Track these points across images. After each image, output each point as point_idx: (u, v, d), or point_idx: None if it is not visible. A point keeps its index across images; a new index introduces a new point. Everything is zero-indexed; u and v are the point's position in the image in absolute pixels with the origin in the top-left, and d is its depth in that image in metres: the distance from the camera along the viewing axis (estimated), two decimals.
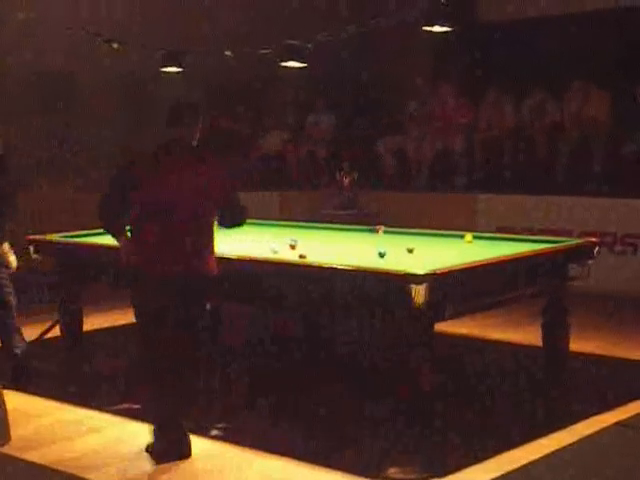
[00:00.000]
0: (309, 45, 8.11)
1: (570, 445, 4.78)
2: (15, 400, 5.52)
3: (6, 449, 4.86)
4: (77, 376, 6.45)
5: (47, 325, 7.09)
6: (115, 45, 9.28)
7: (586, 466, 4.56)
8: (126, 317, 7.77)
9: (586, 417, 5.20)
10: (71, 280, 6.73)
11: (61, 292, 6.85)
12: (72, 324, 6.76)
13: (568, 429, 5.03)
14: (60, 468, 4.60)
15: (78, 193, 10.20)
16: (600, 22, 10.52)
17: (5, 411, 5.01)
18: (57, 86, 10.97)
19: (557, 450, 4.71)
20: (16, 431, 5.07)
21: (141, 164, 4.74)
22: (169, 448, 4.68)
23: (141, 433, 5.11)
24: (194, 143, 4.76)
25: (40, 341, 6.99)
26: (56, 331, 6.93)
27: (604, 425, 5.07)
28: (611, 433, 4.97)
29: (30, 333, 7.36)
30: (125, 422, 5.30)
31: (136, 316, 4.78)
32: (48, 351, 6.93)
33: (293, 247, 6.01)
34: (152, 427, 4.76)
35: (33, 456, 4.77)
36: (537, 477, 4.47)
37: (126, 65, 10.88)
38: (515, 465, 4.51)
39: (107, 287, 6.55)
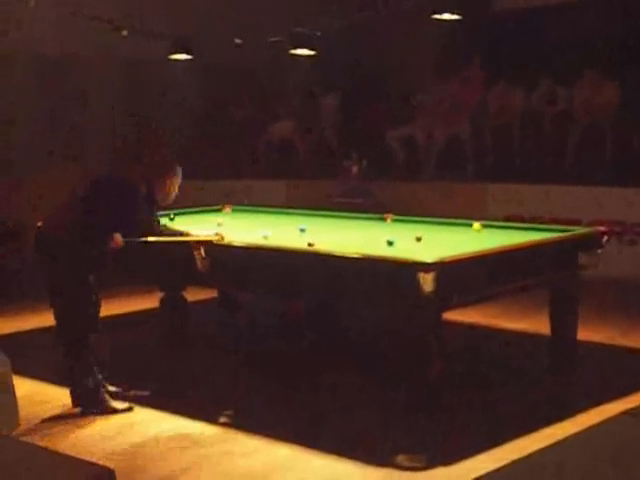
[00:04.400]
0: (318, 33, 8.12)
1: (576, 434, 4.78)
2: (24, 386, 5.56)
3: (15, 434, 4.89)
4: None
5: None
6: (124, 32, 9.28)
7: (592, 455, 4.56)
8: (130, 304, 7.83)
9: (592, 406, 5.21)
10: None
11: None
12: None
13: (574, 418, 5.04)
14: (69, 453, 4.63)
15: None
16: (608, 9, 10.48)
17: (14, 397, 5.04)
18: (59, 71, 10.99)
19: (563, 439, 4.71)
20: (25, 417, 5.11)
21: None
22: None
23: (150, 419, 5.16)
24: None
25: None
26: None
27: (610, 414, 5.07)
28: (617, 422, 4.97)
29: (33, 322, 7.41)
30: (134, 408, 5.32)
31: None
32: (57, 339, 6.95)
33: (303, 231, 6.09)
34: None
35: (42, 441, 4.80)
36: (543, 466, 4.48)
37: (132, 50, 10.89)
38: (521, 454, 4.51)
39: (110, 275, 6.55)
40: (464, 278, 4.91)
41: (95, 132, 11.40)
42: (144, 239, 5.27)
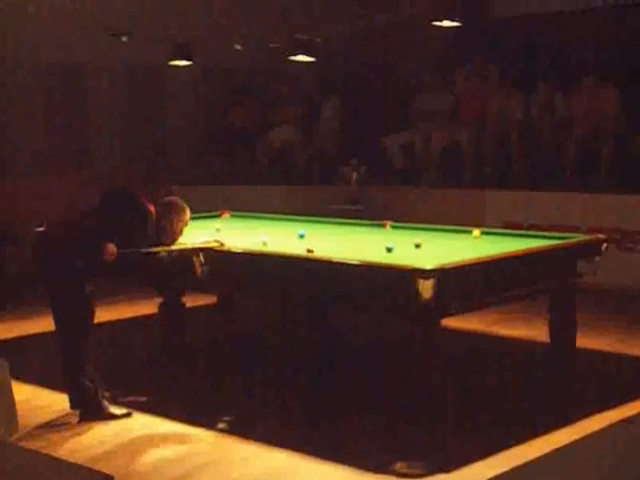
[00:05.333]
0: (318, 39, 8.14)
1: (576, 441, 4.78)
2: (23, 391, 5.56)
3: (14, 439, 4.88)
4: None
5: None
6: (124, 38, 9.30)
7: (591, 462, 4.57)
8: (129, 310, 7.83)
9: (592, 413, 5.21)
10: None
11: None
12: None
13: (574, 425, 5.04)
14: (68, 458, 4.63)
15: (85, 185, 10.23)
16: (607, 16, 10.51)
17: (13, 402, 5.03)
18: (58, 76, 10.99)
19: (563, 446, 4.71)
20: (24, 422, 5.09)
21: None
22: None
23: (148, 425, 5.15)
24: None
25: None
26: None
27: (610, 422, 5.08)
28: (616, 430, 4.97)
29: (31, 327, 7.41)
30: (133, 413, 5.33)
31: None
32: (56, 343, 6.96)
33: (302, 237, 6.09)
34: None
35: (40, 446, 4.80)
36: (543, 473, 4.48)
37: (134, 57, 10.89)
38: (521, 461, 4.51)
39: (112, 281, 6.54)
40: (463, 285, 4.92)
41: (94, 137, 11.41)
42: (144, 250, 5.24)
